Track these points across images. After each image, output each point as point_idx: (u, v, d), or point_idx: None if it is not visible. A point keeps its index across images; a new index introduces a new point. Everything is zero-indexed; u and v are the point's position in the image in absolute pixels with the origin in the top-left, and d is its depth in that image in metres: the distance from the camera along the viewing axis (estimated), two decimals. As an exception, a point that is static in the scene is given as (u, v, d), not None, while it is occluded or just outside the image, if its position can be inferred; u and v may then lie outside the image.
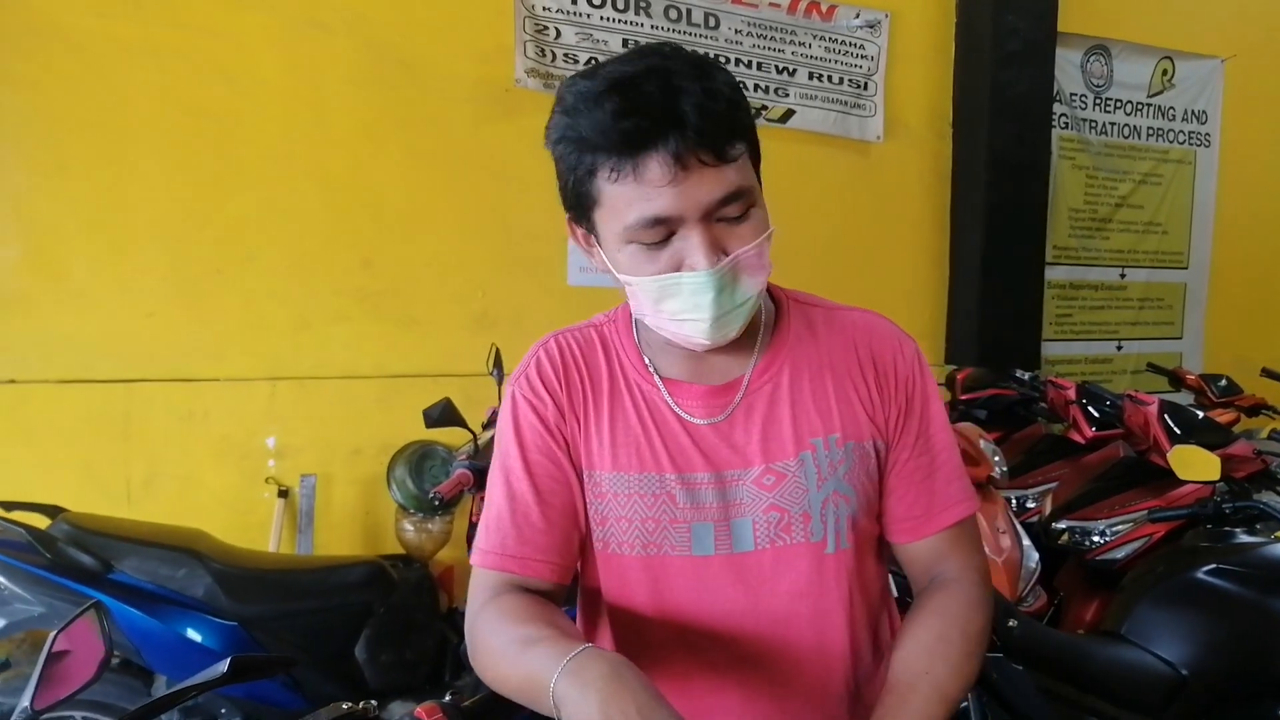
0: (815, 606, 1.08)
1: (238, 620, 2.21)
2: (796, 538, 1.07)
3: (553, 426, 1.09)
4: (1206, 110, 5.58)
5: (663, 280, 0.98)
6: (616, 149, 0.92)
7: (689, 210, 0.94)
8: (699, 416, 1.09)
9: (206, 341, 3.37)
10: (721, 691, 1.09)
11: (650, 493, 1.06)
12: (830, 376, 1.11)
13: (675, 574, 1.07)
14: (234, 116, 3.36)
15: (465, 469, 2.41)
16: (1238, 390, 4.16)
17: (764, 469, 1.07)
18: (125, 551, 2.21)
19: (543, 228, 3.85)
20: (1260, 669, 1.80)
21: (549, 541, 1.06)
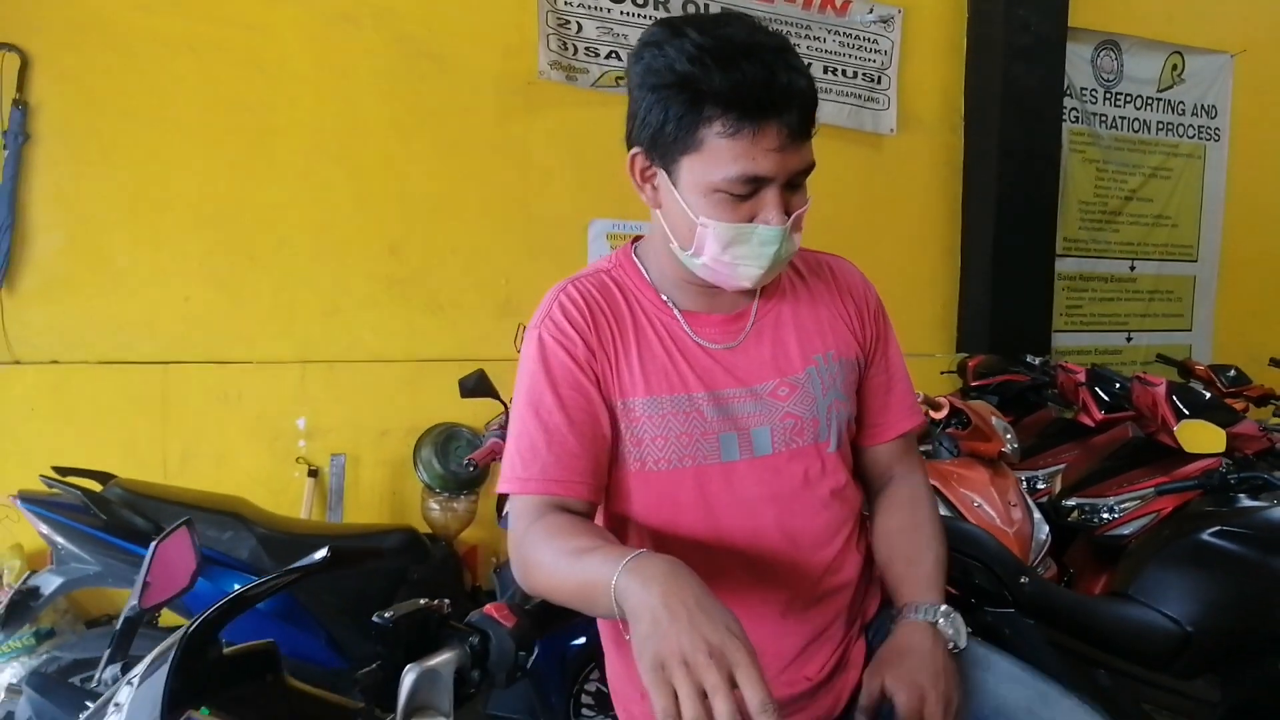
0: (822, 495, 1.24)
1: (282, 582, 2.30)
2: (806, 440, 1.23)
3: (583, 363, 1.17)
4: (1216, 105, 5.64)
5: (740, 228, 1.10)
6: (743, 109, 1.02)
7: (780, 174, 1.07)
8: (717, 342, 1.23)
9: (240, 325, 3.49)
10: (748, 583, 1.21)
11: (682, 411, 1.18)
12: (821, 305, 1.30)
13: (706, 481, 1.20)
14: (268, 108, 3.48)
15: (498, 438, 2.51)
16: (1247, 381, 4.22)
17: (778, 382, 1.22)
18: (174, 514, 2.28)
19: (564, 216, 3.96)
20: (1261, 625, 1.87)
21: (585, 465, 1.14)
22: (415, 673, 0.83)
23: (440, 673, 0.85)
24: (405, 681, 0.83)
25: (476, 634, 0.90)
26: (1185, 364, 4.39)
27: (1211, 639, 1.87)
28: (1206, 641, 1.87)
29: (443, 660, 0.86)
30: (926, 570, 1.24)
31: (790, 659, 1.24)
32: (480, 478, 3.70)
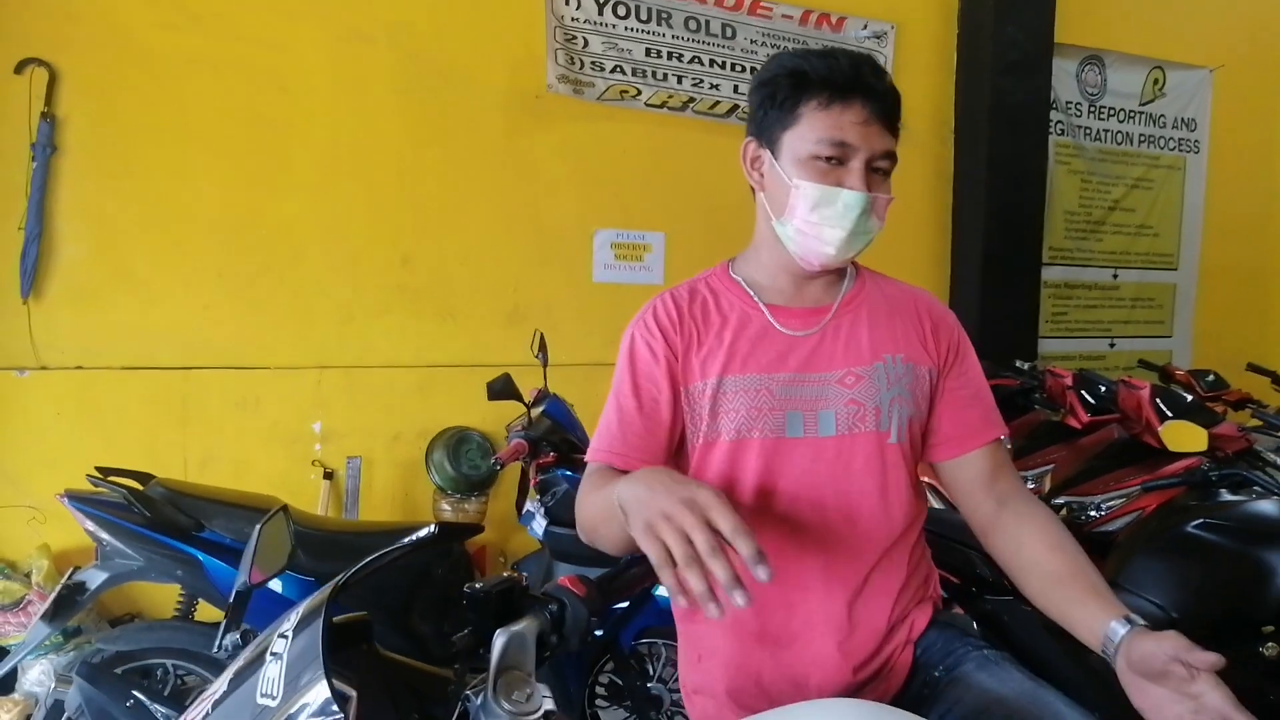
0: (880, 483, 1.34)
1: (315, 576, 2.41)
2: (868, 427, 1.33)
3: (660, 357, 1.36)
4: (1196, 118, 5.82)
5: (826, 189, 1.27)
6: (835, 87, 1.25)
7: (863, 147, 1.26)
8: (796, 330, 1.37)
9: (258, 332, 3.60)
10: (803, 556, 1.33)
11: (753, 389, 1.33)
12: (898, 317, 1.41)
13: (770, 453, 1.32)
14: (286, 123, 3.59)
15: (521, 439, 2.63)
16: (1225, 385, 4.37)
17: (846, 371, 1.34)
18: (214, 512, 2.42)
19: (571, 228, 4.08)
20: (1243, 611, 2.00)
21: (644, 444, 1.34)
22: (505, 636, 0.94)
23: (525, 636, 0.96)
24: (496, 644, 0.94)
25: (554, 602, 1.02)
26: (1166, 369, 4.54)
27: (1194, 624, 2.00)
28: (1190, 627, 1.98)
29: (527, 625, 0.97)
30: (1108, 588, 1.22)
31: (835, 640, 1.32)
32: (489, 480, 3.83)
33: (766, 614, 1.34)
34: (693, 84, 4.29)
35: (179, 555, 2.34)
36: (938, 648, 1.37)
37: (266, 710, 0.77)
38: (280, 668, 0.79)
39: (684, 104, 4.26)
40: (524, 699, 0.92)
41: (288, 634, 0.83)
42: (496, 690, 0.92)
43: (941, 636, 1.39)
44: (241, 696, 0.81)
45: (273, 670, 0.79)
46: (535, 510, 2.72)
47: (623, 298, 4.18)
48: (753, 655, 1.35)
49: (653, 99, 4.20)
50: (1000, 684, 1.26)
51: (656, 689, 2.76)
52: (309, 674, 0.76)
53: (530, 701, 0.93)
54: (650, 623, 2.73)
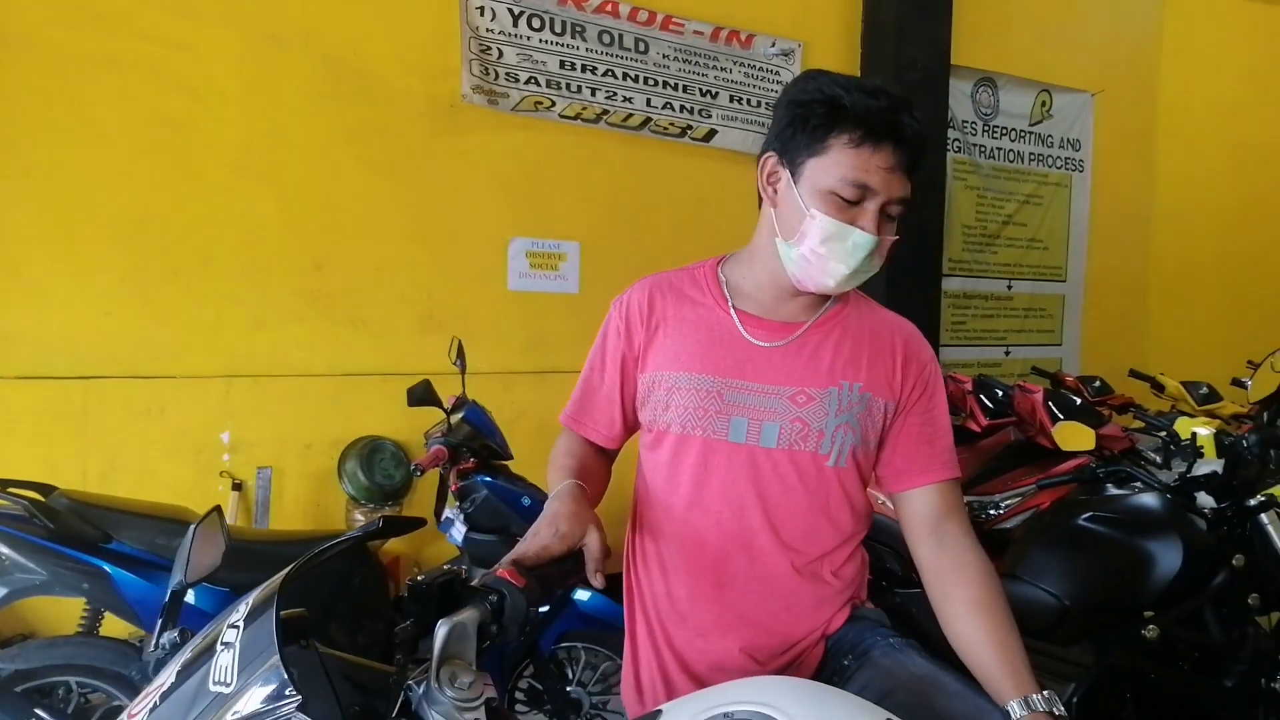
0: (812, 502, 1.40)
1: (230, 587, 2.36)
2: (808, 447, 1.38)
3: (623, 341, 1.48)
4: (1080, 139, 6.15)
5: (841, 226, 1.29)
6: (871, 128, 1.27)
7: (883, 191, 1.29)
8: (762, 340, 1.41)
9: (164, 340, 3.49)
10: (727, 555, 1.40)
11: (707, 389, 1.39)
12: (868, 345, 1.44)
13: (709, 453, 1.39)
14: (193, 125, 3.51)
15: (441, 444, 2.63)
16: (1110, 390, 4.64)
17: (799, 390, 1.39)
18: (122, 523, 2.35)
19: (486, 236, 4.09)
20: (1128, 596, 2.15)
21: (602, 417, 1.52)
22: (448, 626, 0.97)
23: (467, 626, 0.99)
24: (439, 634, 0.97)
25: (494, 594, 1.05)
26: (1056, 375, 4.78)
27: (1086, 610, 2.14)
28: (1082, 613, 2.14)
29: (469, 616, 1.00)
30: (1021, 656, 1.25)
31: (745, 637, 1.40)
32: (403, 489, 3.80)
33: (689, 601, 1.41)
34: (606, 96, 4.34)
35: (85, 568, 2.27)
36: (849, 639, 1.43)
37: (221, 697, 0.78)
38: (233, 656, 0.80)
39: (598, 116, 4.32)
40: (466, 687, 0.95)
41: (239, 624, 0.84)
42: (438, 678, 0.95)
43: (853, 629, 1.45)
44: (193, 685, 0.82)
45: (225, 659, 0.80)
46: (454, 517, 2.72)
47: (538, 306, 4.20)
48: (677, 633, 1.43)
49: (567, 110, 4.24)
50: (903, 667, 1.33)
51: (576, 692, 2.79)
52: (262, 660, 0.78)
53: (472, 689, 0.96)
54: (569, 626, 2.77)
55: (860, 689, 1.32)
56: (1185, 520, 2.21)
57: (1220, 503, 2.26)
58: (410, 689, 0.95)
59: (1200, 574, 2.16)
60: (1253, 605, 2.19)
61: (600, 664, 2.85)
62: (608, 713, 2.87)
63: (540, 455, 1.62)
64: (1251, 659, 2.14)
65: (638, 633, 1.49)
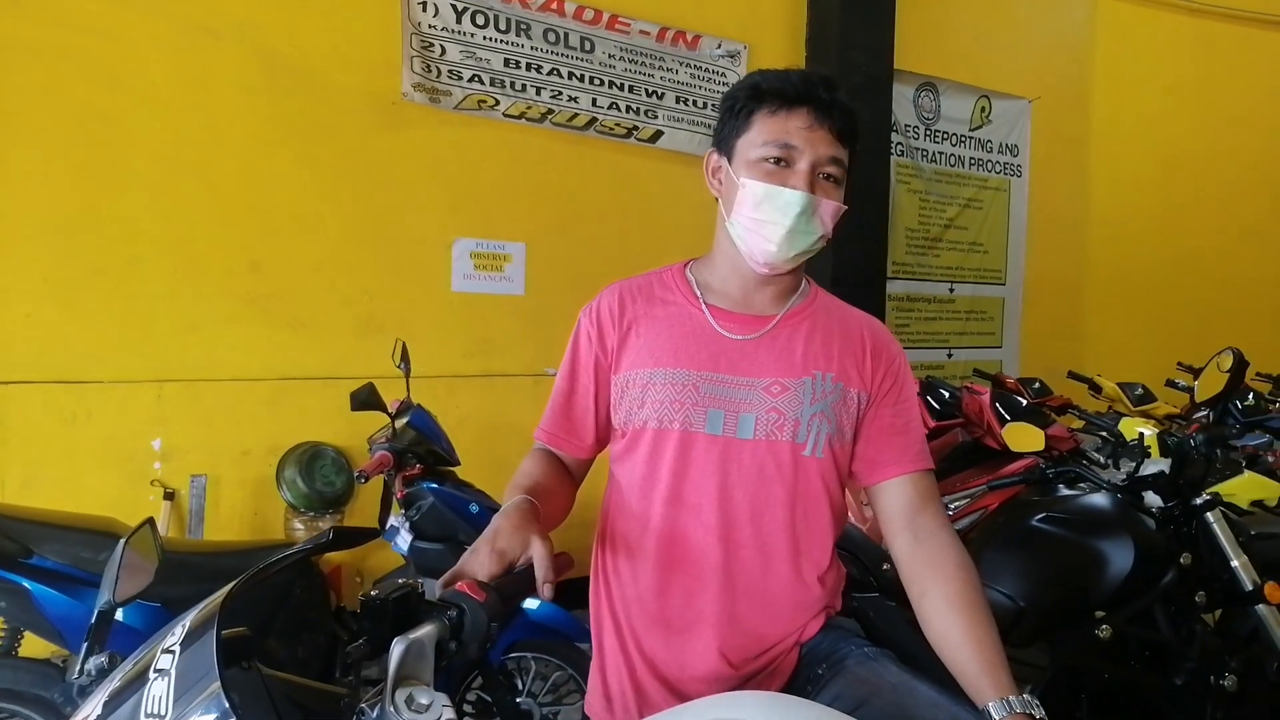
0: (790, 493, 1.38)
1: (161, 601, 2.25)
2: (785, 437, 1.37)
3: (597, 346, 1.46)
4: (1018, 144, 6.25)
5: (769, 187, 1.33)
6: (785, 96, 1.33)
7: (808, 150, 1.33)
8: (734, 334, 1.41)
9: (89, 343, 3.33)
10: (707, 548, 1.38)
11: (679, 383, 1.37)
12: (839, 338, 1.45)
13: (687, 446, 1.37)
14: (120, 117, 3.36)
15: (385, 450, 2.55)
16: (1049, 392, 4.70)
17: (774, 380, 1.39)
18: (44, 536, 2.22)
19: (428, 236, 3.99)
20: (1081, 596, 2.16)
21: (577, 424, 1.49)
22: (404, 644, 0.91)
23: (424, 643, 0.93)
24: (394, 652, 0.90)
25: (453, 609, 0.99)
26: (998, 377, 4.82)
27: (1040, 611, 2.14)
28: (1036, 614, 2.14)
29: (426, 632, 0.94)
30: (999, 654, 1.24)
31: (723, 635, 1.37)
32: (345, 497, 3.68)
33: (665, 599, 1.39)
34: (551, 95, 4.28)
35: (3, 584, 2.14)
36: (823, 648, 1.41)
37: (154, 731, 0.71)
38: (167, 684, 0.73)
39: (542, 115, 4.25)
40: (424, 709, 0.89)
41: (174, 649, 0.77)
42: (393, 700, 0.89)
43: (828, 638, 1.43)
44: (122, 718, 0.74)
45: (159, 688, 0.73)
46: (400, 525, 2.64)
47: (483, 308, 4.12)
48: (649, 635, 1.41)
49: (511, 109, 4.17)
50: (879, 676, 1.31)
51: (526, 703, 2.72)
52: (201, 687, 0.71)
53: (430, 711, 0.90)
54: (519, 636, 2.70)
55: (834, 698, 1.30)
56: (1135, 520, 2.23)
57: (1167, 502, 2.28)
58: (363, 713, 0.89)
59: (1150, 573, 2.18)
60: (1199, 603, 2.22)
61: (551, 674, 2.78)
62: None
63: (487, 460, 1.58)
64: (1200, 657, 2.16)
65: (605, 642, 1.46)
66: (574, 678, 2.78)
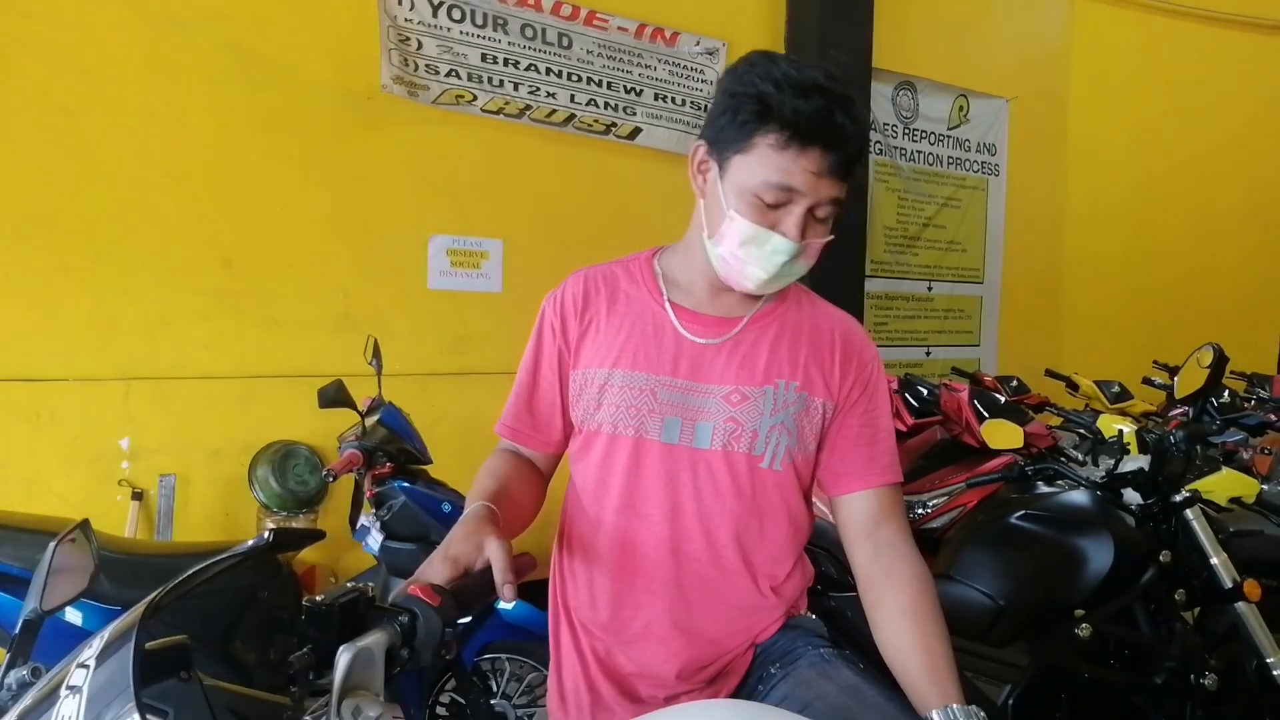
0: (748, 505, 1.34)
1: (121, 605, 2.19)
2: (742, 448, 1.33)
3: (559, 337, 1.40)
4: (996, 143, 6.26)
5: (759, 230, 1.23)
6: (798, 130, 1.18)
7: (810, 195, 1.21)
8: (697, 336, 1.35)
9: (54, 340, 3.26)
10: (658, 560, 1.34)
11: (640, 388, 1.32)
12: (807, 343, 1.38)
13: (642, 454, 1.33)
14: (86, 110, 3.28)
15: (355, 449, 2.50)
16: (1026, 390, 4.71)
17: (734, 389, 1.33)
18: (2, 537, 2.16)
19: (404, 233, 3.94)
20: (1061, 594, 2.14)
21: (541, 419, 1.43)
22: (350, 653, 0.86)
23: (373, 652, 0.89)
24: (340, 662, 0.86)
25: (405, 614, 0.94)
26: (975, 376, 4.82)
27: (1020, 610, 2.12)
28: (1016, 612, 2.12)
29: (375, 640, 0.89)
30: (948, 664, 1.22)
31: (675, 646, 1.34)
32: (318, 496, 3.63)
33: (617, 607, 1.36)
34: (529, 91, 4.23)
35: (-43, 588, 2.08)
36: (778, 648, 1.39)
37: (66, 752, 0.66)
38: (79, 704, 0.68)
39: (520, 111, 4.20)
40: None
41: (89, 663, 0.72)
42: (340, 713, 0.84)
43: (784, 638, 1.40)
44: (32, 740, 0.69)
45: (69, 707, 0.68)
46: (370, 524, 2.59)
47: (459, 305, 4.07)
48: (603, 639, 1.39)
49: (489, 105, 4.12)
50: (828, 678, 1.28)
51: (501, 705, 2.68)
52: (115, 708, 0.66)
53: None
54: (493, 637, 2.66)
55: (781, 699, 1.29)
56: (1115, 517, 2.21)
57: (1146, 499, 2.26)
58: (308, 726, 0.85)
59: (1131, 571, 2.16)
60: (1179, 601, 2.20)
61: (525, 675, 2.74)
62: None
63: (461, 459, 1.53)
64: (1180, 655, 2.14)
65: (561, 640, 1.44)
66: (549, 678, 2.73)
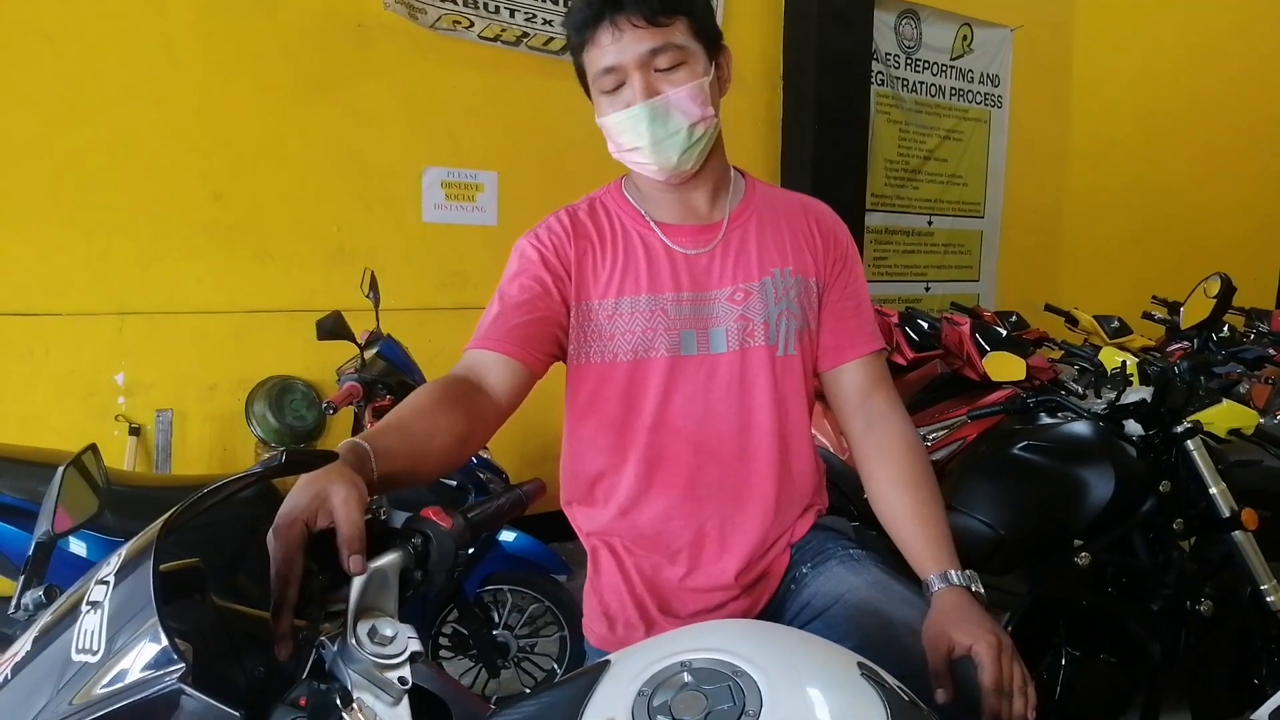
0: (773, 396, 1.36)
1: (125, 536, 2.18)
2: (758, 341, 1.35)
3: (549, 265, 1.33)
4: (999, 74, 6.15)
5: (615, 117, 1.28)
6: (584, 29, 1.26)
7: (626, 59, 1.23)
8: (689, 248, 1.36)
9: (45, 276, 3.22)
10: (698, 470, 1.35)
11: (648, 309, 1.33)
12: (786, 228, 1.41)
13: (665, 371, 1.34)
14: (70, 39, 3.19)
15: (354, 381, 2.48)
16: (1025, 325, 4.70)
17: (735, 288, 1.35)
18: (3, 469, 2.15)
19: (398, 165, 3.88)
20: (1062, 524, 2.14)
21: (517, 332, 1.27)
22: (364, 574, 0.86)
23: (387, 573, 0.88)
24: (355, 584, 0.85)
25: (418, 536, 0.93)
26: (975, 311, 4.80)
27: (1020, 540, 2.13)
28: (1016, 542, 2.13)
29: (389, 561, 0.88)
30: (942, 531, 1.26)
31: (716, 552, 1.37)
32: (316, 430, 3.62)
33: (662, 525, 1.37)
34: (526, 19, 4.13)
35: (-41, 522, 2.07)
36: (810, 547, 1.42)
37: (87, 668, 0.65)
38: (101, 618, 0.67)
39: (517, 39, 4.11)
40: (388, 641, 0.84)
41: (109, 580, 0.71)
42: (355, 633, 0.84)
43: (816, 538, 1.43)
44: (53, 655, 0.68)
45: (91, 622, 0.67)
46: (371, 457, 2.58)
47: (455, 239, 4.02)
48: (648, 559, 1.39)
49: (485, 31, 4.02)
50: (856, 575, 1.32)
51: (503, 636, 2.71)
52: (138, 622, 0.65)
53: (395, 643, 0.84)
54: (495, 569, 2.68)
55: (814, 594, 1.33)
56: (1117, 448, 2.20)
57: (1148, 430, 2.26)
58: (323, 646, 0.84)
59: (1131, 501, 2.16)
60: (1177, 530, 2.21)
61: (527, 606, 2.77)
62: (536, 655, 2.80)
63: None
64: (1175, 583, 2.16)
65: (602, 566, 1.43)
66: (550, 609, 2.76)
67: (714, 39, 1.31)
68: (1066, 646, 2.16)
